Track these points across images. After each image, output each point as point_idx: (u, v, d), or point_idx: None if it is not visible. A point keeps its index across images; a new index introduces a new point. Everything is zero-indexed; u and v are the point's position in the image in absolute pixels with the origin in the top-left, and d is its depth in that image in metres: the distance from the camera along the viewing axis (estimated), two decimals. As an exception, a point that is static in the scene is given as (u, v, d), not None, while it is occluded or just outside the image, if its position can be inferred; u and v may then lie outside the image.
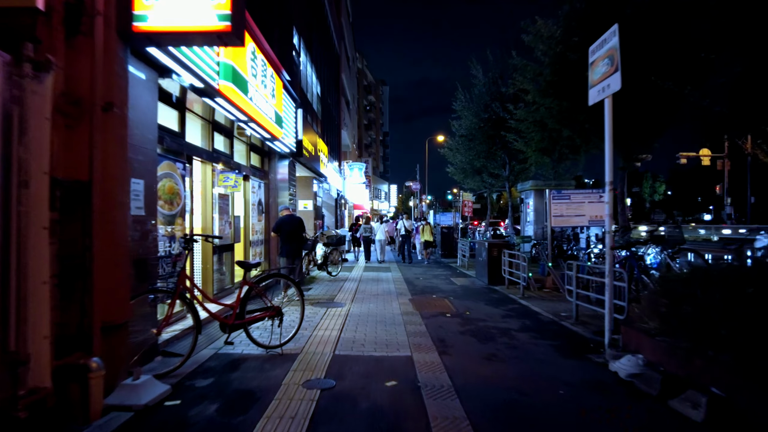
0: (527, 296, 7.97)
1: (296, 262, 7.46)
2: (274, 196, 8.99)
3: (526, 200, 15.28)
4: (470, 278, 10.58)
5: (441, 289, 8.89)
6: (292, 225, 7.34)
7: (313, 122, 13.25)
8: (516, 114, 16.81)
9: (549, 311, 6.67)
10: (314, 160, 12.03)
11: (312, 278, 10.05)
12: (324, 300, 7.42)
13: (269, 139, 7.64)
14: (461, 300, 7.59)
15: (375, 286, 9.05)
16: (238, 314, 4.22)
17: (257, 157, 8.68)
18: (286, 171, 9.04)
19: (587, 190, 9.75)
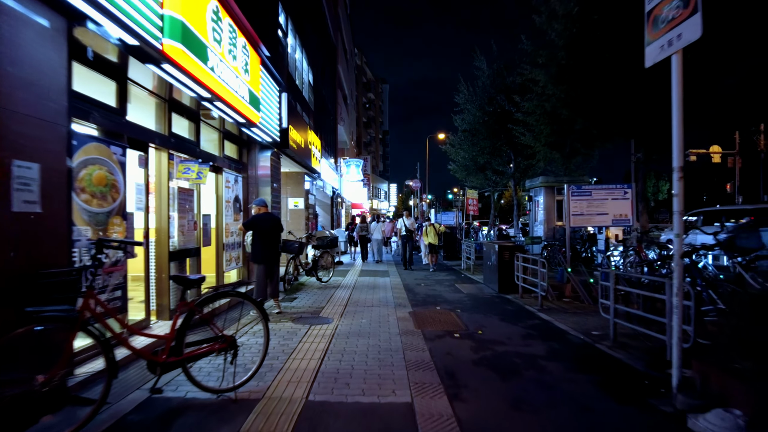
0: (546, 308, 6.85)
1: (275, 270, 6.33)
2: (254, 192, 7.86)
3: (536, 198, 14.15)
4: (477, 285, 9.44)
5: (446, 298, 7.75)
6: (271, 224, 6.22)
7: (303, 112, 12.11)
8: (524, 106, 15.70)
9: (577, 328, 5.54)
10: (304, 154, 10.90)
11: (299, 285, 8.92)
12: (308, 314, 6.28)
13: (244, 124, 6.51)
14: (470, 313, 6.45)
15: (371, 295, 7.92)
16: (174, 348, 3.08)
17: (233, 147, 7.54)
18: (268, 164, 7.91)
19: (610, 185, 8.62)
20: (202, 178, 5.69)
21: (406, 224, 12.71)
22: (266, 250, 6.15)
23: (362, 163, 22.13)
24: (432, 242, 12.52)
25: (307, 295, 7.79)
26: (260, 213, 6.13)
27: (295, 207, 12.37)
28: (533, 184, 14.08)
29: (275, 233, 6.28)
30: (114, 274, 4.03)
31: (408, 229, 12.69)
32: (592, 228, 13.64)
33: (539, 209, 13.87)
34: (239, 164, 7.63)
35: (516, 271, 8.04)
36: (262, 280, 6.14)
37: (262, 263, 6.12)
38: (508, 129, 18.66)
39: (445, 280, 10.22)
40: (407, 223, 12.73)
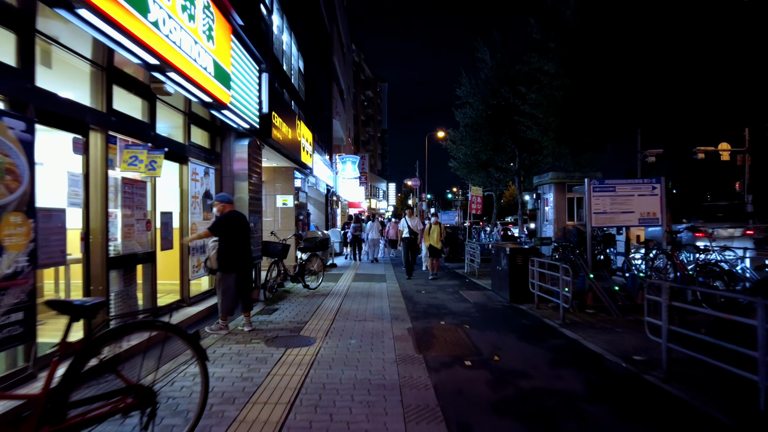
0: (568, 321, 5.83)
1: (248, 279, 5.31)
2: (228, 186, 6.82)
3: (544, 196, 13.13)
4: (485, 292, 8.40)
5: (450, 309, 6.72)
6: (242, 224, 5.19)
7: (292, 101, 11.10)
8: (530, 97, 14.67)
9: (613, 351, 4.52)
10: (293, 147, 9.86)
11: (283, 293, 7.87)
12: (287, 331, 5.24)
13: (212, 105, 5.46)
14: (481, 330, 5.41)
15: (364, 305, 6.88)
16: (50, 412, 2.02)
17: (203, 134, 6.50)
18: (245, 154, 6.86)
19: (636, 179, 7.60)
20: (156, 169, 4.64)
21: (409, 225, 10.57)
22: (238, 256, 5.11)
23: (358, 159, 21.07)
24: (434, 245, 10.31)
25: (290, 306, 6.75)
26: (226, 212, 5.09)
27: (284, 205, 11.32)
28: (542, 180, 13.05)
29: (246, 234, 5.25)
30: (10, 290, 2.99)
31: (412, 231, 10.53)
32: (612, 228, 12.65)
33: (548, 208, 12.85)
34: (211, 154, 6.58)
35: (531, 278, 7.02)
36: (233, 293, 5.10)
37: (233, 271, 5.07)
38: (512, 123, 17.63)
39: (448, 286, 9.18)
40: (410, 223, 10.60)
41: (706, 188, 55.49)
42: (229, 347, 4.54)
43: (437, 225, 10.58)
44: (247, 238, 5.26)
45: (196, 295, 6.18)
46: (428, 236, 10.45)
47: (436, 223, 10.60)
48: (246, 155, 6.88)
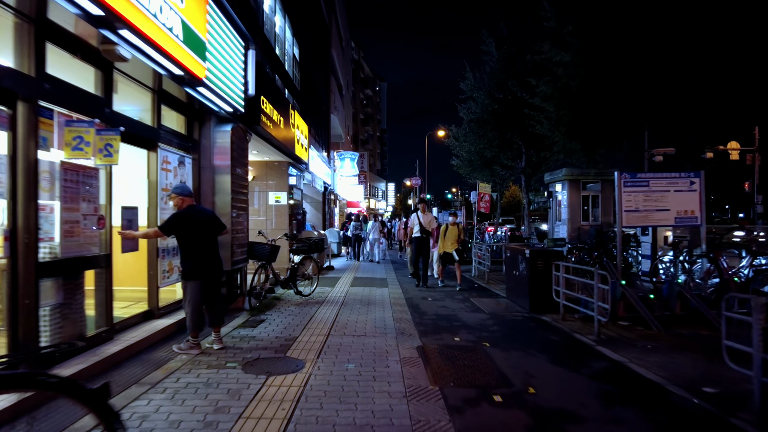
0: (604, 337, 4.96)
1: (216, 288, 4.42)
2: (208, 179, 5.92)
3: (557, 193, 12.26)
4: (499, 299, 7.52)
5: (464, 321, 5.83)
6: (204, 221, 4.29)
7: (286, 89, 10.22)
8: (540, 90, 13.85)
9: (672, 378, 3.65)
10: (286, 139, 8.98)
11: (272, 301, 6.98)
12: (271, 350, 4.35)
13: (183, 79, 4.57)
14: (505, 349, 4.53)
15: (364, 315, 5.99)
16: None
17: (178, 118, 5.61)
18: (227, 142, 5.96)
19: (673, 173, 6.73)
20: (112, 155, 3.76)
21: (422, 222, 8.71)
22: (201, 260, 4.21)
23: (357, 156, 20.18)
24: (447, 251, 8.70)
25: (278, 317, 5.85)
26: (184, 207, 4.20)
27: (277, 202, 10.42)
28: (554, 177, 12.17)
29: (212, 234, 4.34)
30: None
31: (424, 230, 8.71)
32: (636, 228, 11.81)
33: (562, 207, 11.98)
34: (187, 141, 5.69)
35: (555, 285, 6.14)
36: (197, 305, 4.20)
37: (197, 279, 4.18)
38: (519, 118, 16.77)
39: (456, 292, 8.29)
40: (423, 220, 8.73)
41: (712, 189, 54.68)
42: (197, 374, 3.65)
43: (455, 226, 8.74)
44: (213, 239, 4.36)
45: (169, 304, 5.28)
46: (443, 239, 8.67)
47: (453, 224, 8.76)
48: (228, 143, 5.99)
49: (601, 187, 11.64)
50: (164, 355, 4.16)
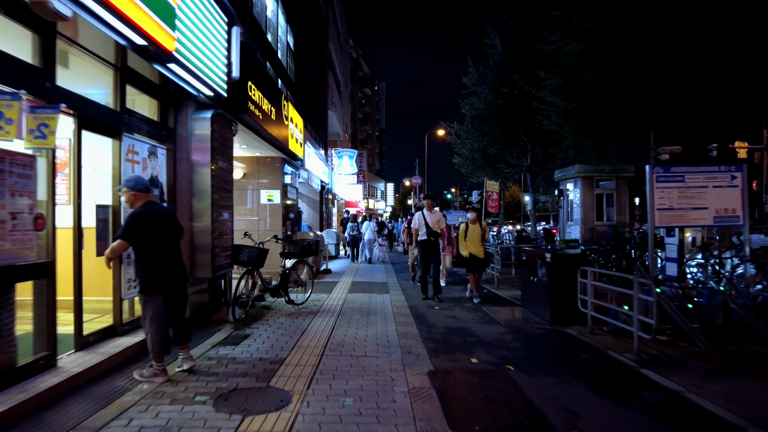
0: (645, 356, 4.23)
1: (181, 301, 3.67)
2: (185, 173, 5.16)
3: (568, 192, 11.54)
4: (514, 308, 6.78)
5: (478, 335, 5.08)
6: (165, 224, 3.54)
7: (279, 79, 9.49)
8: (548, 84, 13.10)
9: (750, 416, 2.92)
10: (278, 132, 8.24)
11: (261, 311, 6.22)
12: (252, 377, 3.60)
13: (149, 52, 3.84)
14: (533, 374, 3.78)
15: (363, 329, 5.24)
16: None
17: (149, 102, 4.85)
18: (207, 131, 5.21)
19: (711, 167, 6.00)
20: (47, 137, 3.01)
21: (428, 222, 7.24)
22: (164, 269, 3.47)
23: (356, 154, 19.42)
24: (475, 254, 7.25)
25: (265, 332, 5.10)
26: (138, 206, 3.44)
27: (270, 201, 9.69)
28: (565, 174, 11.44)
29: (173, 237, 3.59)
30: None
31: (432, 231, 7.25)
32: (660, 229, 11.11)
33: (574, 206, 11.26)
34: (160, 129, 4.93)
35: (580, 293, 5.41)
36: (161, 323, 3.46)
37: (159, 292, 3.44)
38: (525, 113, 16.03)
39: (465, 298, 7.55)
40: (430, 219, 7.26)
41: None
42: (156, 412, 2.90)
43: (476, 224, 7.35)
44: (176, 243, 3.61)
45: (136, 318, 4.52)
46: (464, 241, 7.38)
47: (474, 222, 7.38)
48: (208, 132, 5.23)
49: (616, 185, 10.93)
50: (122, 384, 3.41)
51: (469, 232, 7.38)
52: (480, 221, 7.49)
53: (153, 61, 4.13)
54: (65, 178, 5.11)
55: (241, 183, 9.72)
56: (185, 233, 5.04)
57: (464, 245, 7.38)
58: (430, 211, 7.44)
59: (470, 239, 7.33)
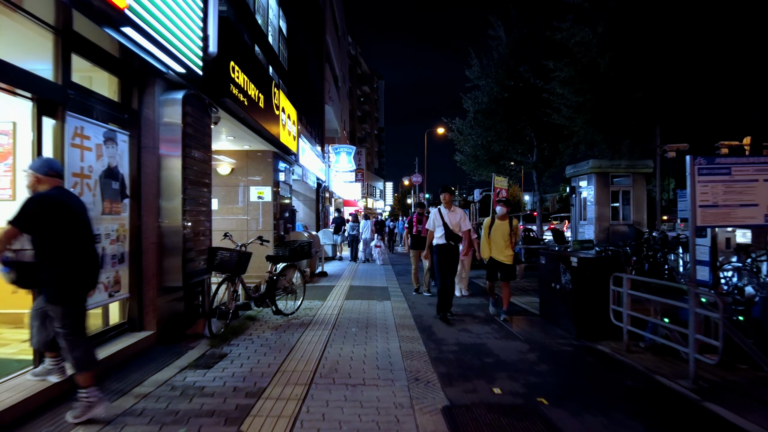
0: (705, 384, 3.48)
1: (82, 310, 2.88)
2: (152, 164, 4.39)
3: (581, 189, 10.80)
4: (531, 317, 6.02)
5: (498, 354, 4.32)
6: (84, 215, 2.78)
7: (269, 66, 8.74)
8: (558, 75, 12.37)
9: None
10: (268, 121, 7.49)
11: (244, 323, 5.46)
12: (220, 418, 2.83)
13: (91, 8, 3.07)
14: (574, 411, 3.01)
15: (361, 347, 4.48)
16: None
17: (108, 80, 4.09)
18: (178, 115, 4.44)
19: (762, 157, 5.25)
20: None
21: (447, 221, 5.80)
22: (82, 269, 2.71)
23: (354, 150, 18.64)
24: (501, 258, 5.80)
25: (246, 350, 4.33)
26: (44, 191, 2.67)
27: (260, 199, 8.93)
28: (578, 170, 10.70)
29: (83, 229, 2.79)
30: None
31: (452, 233, 5.76)
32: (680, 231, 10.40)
33: (587, 204, 10.51)
34: (121, 111, 4.16)
35: (612, 304, 4.67)
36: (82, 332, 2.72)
37: (79, 299, 2.69)
38: (531, 107, 15.29)
39: (475, 306, 6.79)
40: (449, 219, 5.82)
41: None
42: None
43: (505, 221, 5.88)
44: (89, 237, 2.82)
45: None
46: (488, 241, 5.90)
47: (504, 218, 5.90)
48: (179, 116, 4.46)
49: (633, 181, 10.19)
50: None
51: (494, 230, 5.90)
52: (511, 218, 5.93)
53: (103, 24, 3.36)
54: (8, 170, 4.36)
55: (229, 179, 8.96)
56: (152, 233, 4.28)
57: (486, 245, 5.98)
58: (449, 209, 5.95)
59: (494, 239, 5.88)
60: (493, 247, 5.90)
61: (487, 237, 5.95)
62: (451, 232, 5.78)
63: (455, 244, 5.82)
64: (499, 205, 6.10)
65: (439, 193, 6.11)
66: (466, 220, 6.02)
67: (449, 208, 5.98)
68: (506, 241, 5.80)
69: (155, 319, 4.32)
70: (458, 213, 5.97)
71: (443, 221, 5.84)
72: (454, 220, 5.86)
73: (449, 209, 5.96)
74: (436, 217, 5.91)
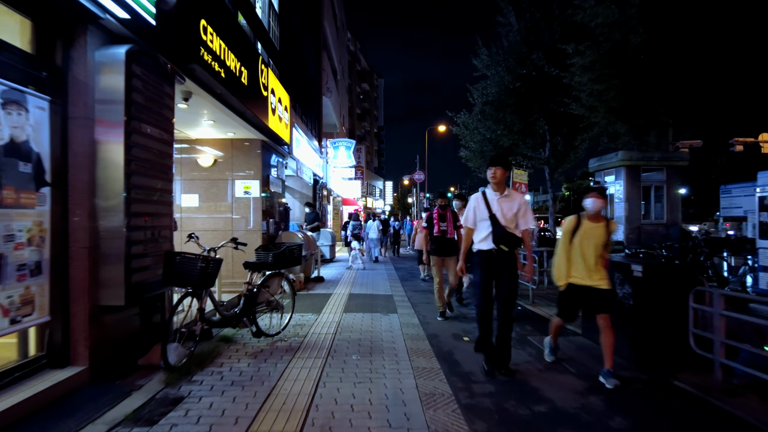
0: None
1: None
2: (83, 140, 3.26)
3: (607, 185, 9.70)
4: (571, 337, 4.91)
5: (550, 398, 3.20)
6: None
7: (257, 41, 7.63)
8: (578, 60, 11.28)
9: None
10: (252, 101, 6.39)
11: (217, 346, 4.34)
12: None
13: None
14: None
15: (364, 389, 3.37)
16: None
17: (21, 23, 2.97)
18: (119, 78, 3.32)
19: None
20: None
21: (498, 212, 3.69)
22: None
23: (353, 144, 17.49)
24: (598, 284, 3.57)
25: (211, 391, 3.21)
26: None
27: (247, 195, 7.82)
28: (604, 164, 9.60)
29: None
30: None
31: (504, 233, 3.62)
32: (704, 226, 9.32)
33: (615, 201, 9.41)
34: (36, 68, 3.05)
35: (692, 326, 3.58)
36: None
37: None
38: (545, 97, 14.22)
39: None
40: (502, 208, 3.71)
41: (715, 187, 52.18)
42: None
43: (599, 222, 3.65)
44: None
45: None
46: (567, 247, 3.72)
47: (597, 218, 3.67)
48: (122, 79, 3.34)
49: (667, 176, 9.11)
50: None
51: (582, 237, 3.62)
52: (608, 221, 3.67)
53: None
54: None
55: (212, 172, 7.86)
56: (83, 234, 3.17)
57: (564, 262, 3.72)
58: (501, 192, 3.74)
59: (583, 250, 3.61)
60: (577, 264, 3.65)
61: (567, 249, 3.71)
62: (503, 231, 3.59)
63: (509, 249, 3.59)
64: (591, 196, 3.63)
65: (488, 166, 3.80)
66: (530, 213, 3.74)
67: (501, 191, 3.73)
68: (599, 255, 3.60)
69: (88, 349, 3.20)
70: (516, 199, 3.74)
71: (490, 213, 3.66)
72: (509, 210, 3.66)
73: (501, 192, 3.72)
74: (478, 205, 3.77)
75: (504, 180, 3.81)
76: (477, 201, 3.84)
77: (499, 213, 3.69)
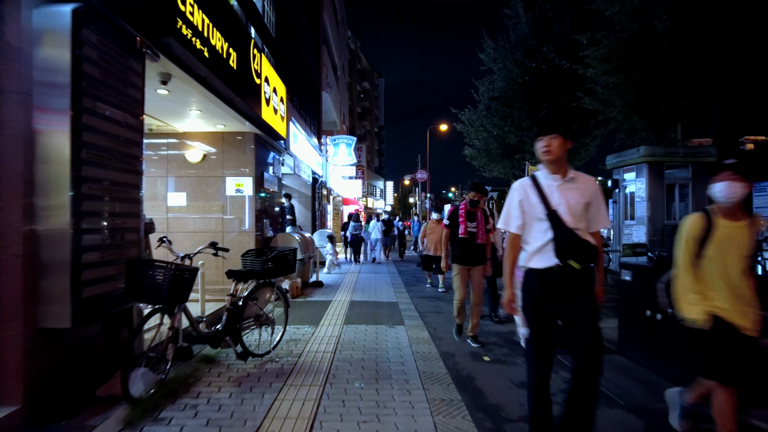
0: None
1: None
2: (16, 121, 2.62)
3: (626, 183, 9.06)
4: (607, 357, 4.26)
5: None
6: None
7: (249, 24, 6.98)
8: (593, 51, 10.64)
9: None
10: (241, 87, 5.75)
11: (195, 369, 3.69)
12: None
13: None
14: None
15: (371, 429, 2.73)
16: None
17: None
18: (64, 44, 2.67)
19: None
20: None
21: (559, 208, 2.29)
22: None
23: (354, 141, 16.83)
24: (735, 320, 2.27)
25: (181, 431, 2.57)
26: None
27: (238, 192, 7.18)
28: (624, 160, 8.94)
29: None
30: None
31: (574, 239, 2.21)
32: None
33: (636, 200, 8.75)
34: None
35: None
36: None
37: None
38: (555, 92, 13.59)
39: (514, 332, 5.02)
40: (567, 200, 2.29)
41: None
42: None
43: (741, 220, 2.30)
44: None
45: None
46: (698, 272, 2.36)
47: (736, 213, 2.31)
48: (68, 46, 2.69)
49: (692, 174, 8.46)
50: None
51: (719, 244, 2.31)
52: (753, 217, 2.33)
53: None
54: None
55: (201, 168, 7.22)
56: (16, 240, 2.52)
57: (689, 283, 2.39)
58: (563, 174, 2.35)
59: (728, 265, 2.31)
60: (719, 287, 2.33)
61: (692, 264, 2.40)
62: (572, 237, 2.23)
63: (583, 267, 2.23)
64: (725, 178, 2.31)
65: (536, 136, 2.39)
66: (604, 207, 2.44)
67: (562, 173, 2.36)
68: (743, 269, 2.30)
69: (22, 384, 2.55)
70: (586, 185, 2.36)
71: (548, 209, 2.31)
72: (577, 202, 2.31)
73: (562, 175, 2.35)
74: (527, 198, 2.40)
75: (565, 156, 2.35)
76: (524, 190, 2.40)
77: (562, 207, 2.28)
